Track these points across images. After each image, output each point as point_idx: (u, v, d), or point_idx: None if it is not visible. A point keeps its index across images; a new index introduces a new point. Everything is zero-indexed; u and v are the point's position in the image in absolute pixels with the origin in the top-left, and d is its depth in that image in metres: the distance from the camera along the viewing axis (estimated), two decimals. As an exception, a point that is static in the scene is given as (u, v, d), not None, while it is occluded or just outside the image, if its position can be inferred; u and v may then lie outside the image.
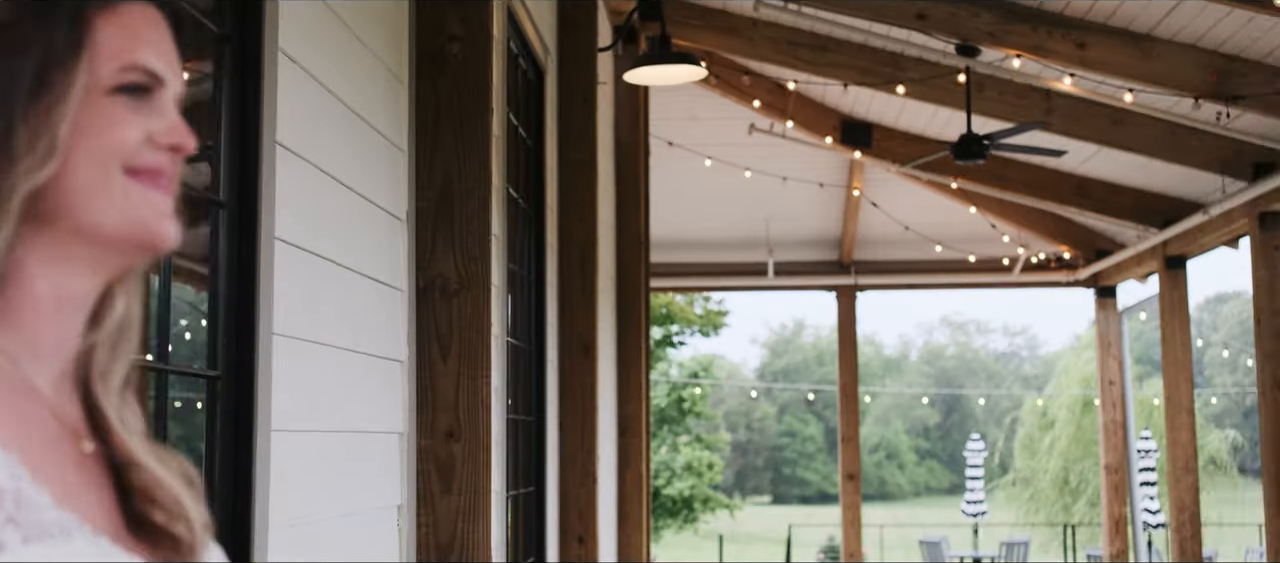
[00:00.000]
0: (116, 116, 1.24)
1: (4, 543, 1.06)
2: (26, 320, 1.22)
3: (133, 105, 1.25)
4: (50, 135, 1.20)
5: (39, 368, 1.22)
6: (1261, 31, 8.75)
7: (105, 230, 1.23)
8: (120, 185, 1.23)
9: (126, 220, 1.24)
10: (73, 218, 1.22)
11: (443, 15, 4.46)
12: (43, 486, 1.12)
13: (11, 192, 1.18)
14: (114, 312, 1.29)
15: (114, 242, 1.24)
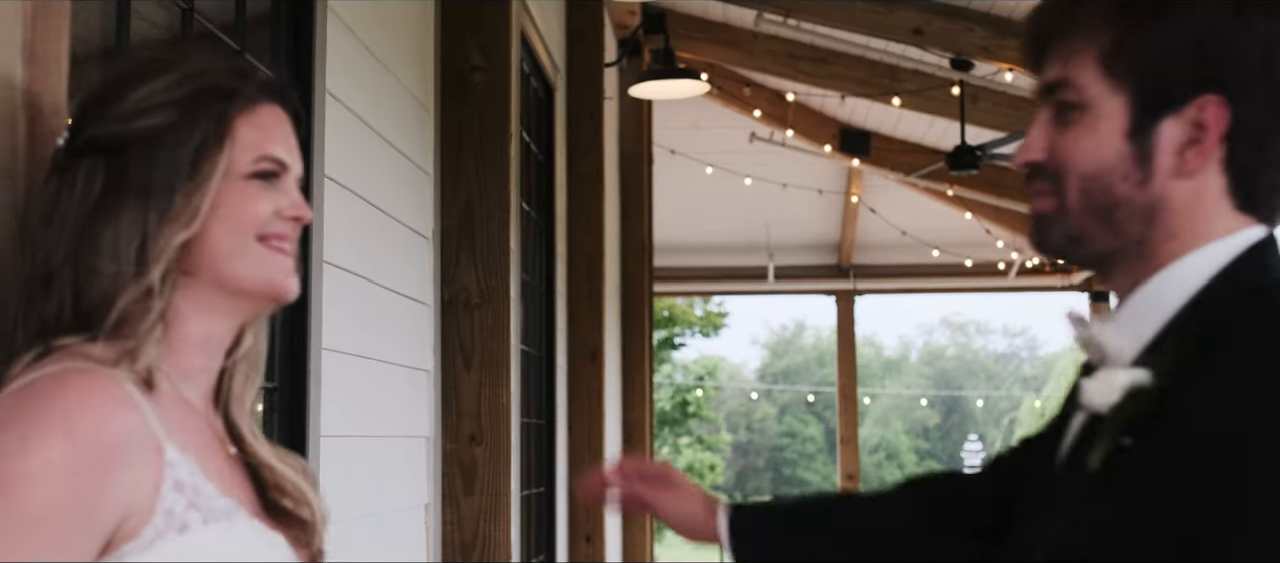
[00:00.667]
0: (250, 195, 1.57)
1: (189, 523, 1.41)
2: (183, 353, 1.56)
3: (264, 187, 1.58)
4: (197, 205, 1.53)
5: (192, 390, 1.57)
6: (1246, 47, 9.06)
7: (240, 284, 1.57)
8: (253, 250, 1.57)
9: (257, 277, 1.57)
10: (215, 273, 1.56)
11: (466, 46, 4.78)
12: (210, 480, 1.46)
13: (169, 245, 1.50)
14: (245, 347, 1.63)
15: (247, 293, 1.58)
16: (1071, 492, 1.48)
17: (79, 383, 1.40)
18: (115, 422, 1.39)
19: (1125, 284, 1.58)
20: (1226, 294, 1.49)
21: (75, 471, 1.35)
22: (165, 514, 1.42)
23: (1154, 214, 1.54)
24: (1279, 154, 1.54)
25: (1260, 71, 1.50)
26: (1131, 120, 1.54)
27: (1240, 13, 1.50)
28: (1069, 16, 1.59)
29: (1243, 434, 1.34)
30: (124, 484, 1.39)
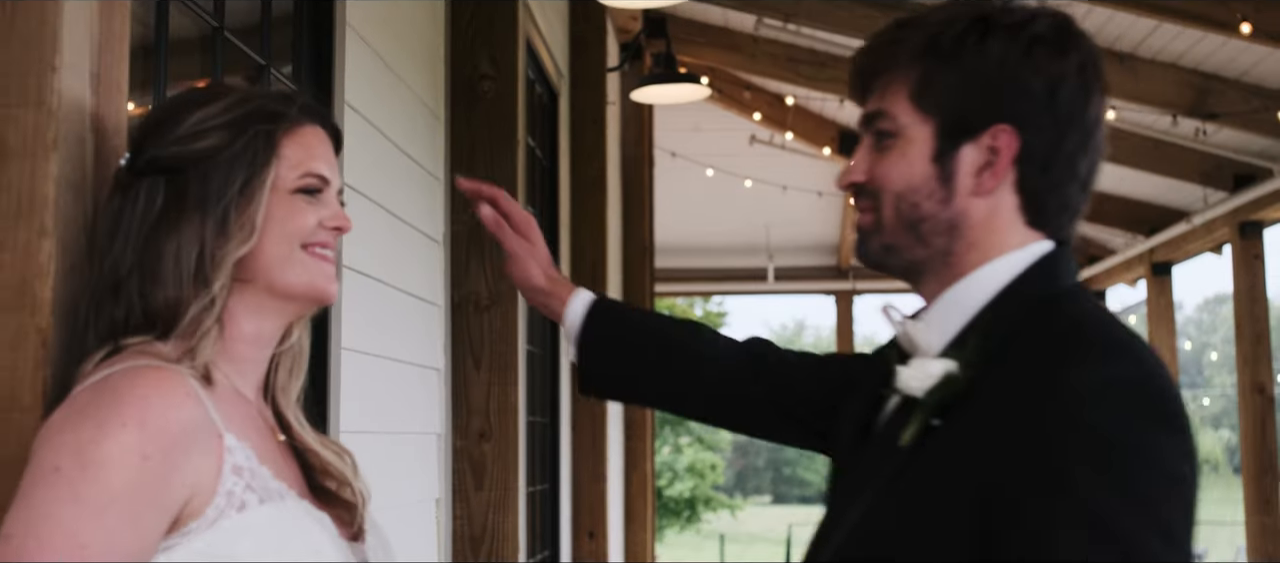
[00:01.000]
0: (296, 208, 1.74)
1: (246, 503, 1.58)
2: (236, 350, 1.73)
3: (308, 200, 1.75)
4: (251, 220, 1.70)
5: (244, 383, 1.74)
6: (1238, 52, 9.20)
7: (289, 289, 1.74)
8: (299, 257, 1.74)
9: (304, 282, 1.74)
10: (267, 280, 1.73)
11: (475, 56, 4.95)
12: (264, 464, 1.63)
13: (228, 258, 1.67)
14: (290, 344, 1.80)
15: (294, 297, 1.75)
16: (887, 463, 1.69)
17: (149, 378, 1.57)
18: (182, 412, 1.56)
19: (933, 290, 1.80)
20: (1020, 299, 1.71)
21: (147, 455, 1.52)
22: (226, 495, 1.59)
23: (956, 228, 1.76)
24: (1062, 176, 1.76)
25: (1045, 104, 1.73)
26: (936, 146, 1.76)
27: (1029, 53, 1.72)
28: (885, 56, 1.81)
29: (1032, 422, 1.55)
30: (189, 468, 1.57)
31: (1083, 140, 1.77)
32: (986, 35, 1.73)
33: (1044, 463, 1.52)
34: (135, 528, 1.52)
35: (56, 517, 1.48)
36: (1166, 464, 1.55)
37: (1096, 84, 1.79)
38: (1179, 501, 1.56)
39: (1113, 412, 1.54)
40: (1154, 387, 1.59)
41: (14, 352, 1.65)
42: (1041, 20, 1.75)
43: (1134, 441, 1.53)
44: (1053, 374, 1.57)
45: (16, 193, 1.66)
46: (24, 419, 1.64)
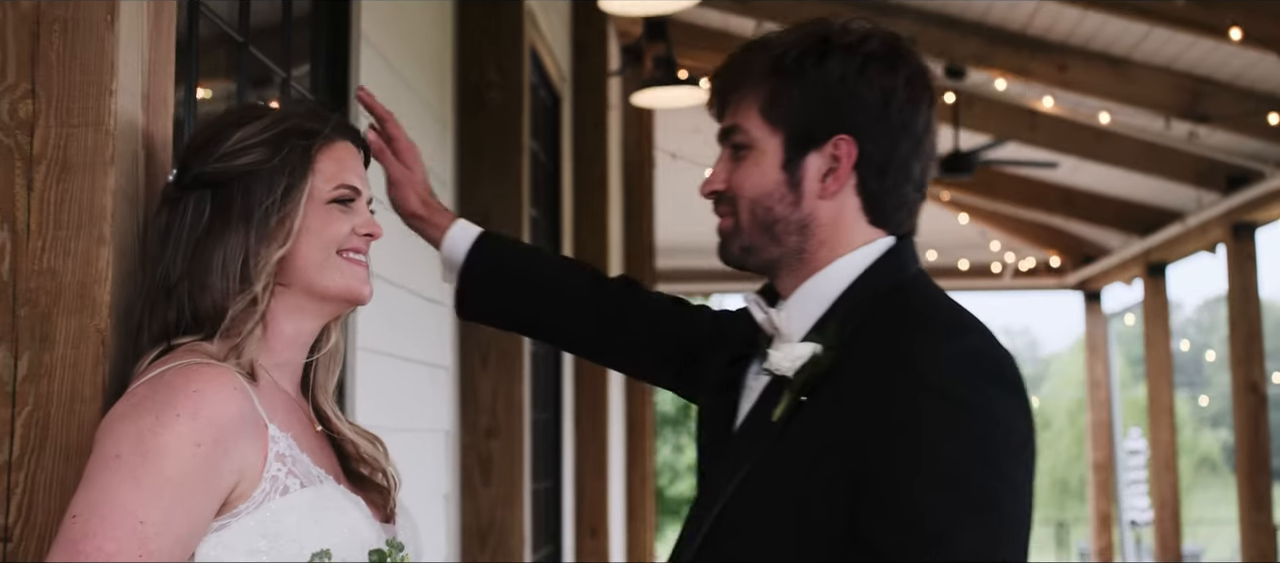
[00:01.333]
0: (332, 217, 1.90)
1: (289, 487, 1.74)
2: (277, 349, 1.89)
3: (341, 209, 1.91)
4: (289, 228, 1.85)
5: (284, 379, 1.90)
6: (1230, 55, 9.34)
7: (325, 291, 1.90)
8: (335, 262, 1.90)
9: (340, 284, 1.91)
10: (305, 283, 1.89)
11: (482, 65, 5.11)
12: (304, 452, 1.79)
13: (268, 262, 1.83)
14: (329, 343, 1.96)
15: (331, 298, 1.92)
16: (760, 440, 1.89)
17: (200, 374, 1.73)
18: (231, 405, 1.72)
19: (791, 283, 2.00)
20: (870, 289, 1.94)
21: (199, 443, 1.68)
22: (271, 480, 1.75)
23: (807, 228, 1.97)
24: (898, 178, 1.97)
25: (880, 115, 1.94)
26: (785, 156, 1.97)
27: (863, 70, 1.93)
28: (737, 75, 2.01)
29: (887, 393, 1.79)
30: (237, 455, 1.73)
31: (914, 146, 1.98)
32: (826, 55, 1.94)
33: (899, 426, 1.76)
34: (188, 509, 1.68)
35: (118, 498, 1.65)
36: (1005, 421, 1.79)
37: (925, 96, 2.00)
38: (1018, 452, 1.80)
39: (956, 379, 1.78)
40: (990, 357, 1.84)
41: (76, 350, 1.81)
42: (874, 40, 1.96)
43: (975, 400, 1.78)
44: (903, 351, 1.81)
45: (78, 205, 1.82)
46: (85, 411, 1.80)
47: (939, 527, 1.72)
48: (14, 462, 1.79)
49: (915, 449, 1.74)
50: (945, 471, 1.73)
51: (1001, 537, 1.75)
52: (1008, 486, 1.76)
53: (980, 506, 1.73)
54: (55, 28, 1.84)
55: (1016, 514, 1.77)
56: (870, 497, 1.75)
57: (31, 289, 1.82)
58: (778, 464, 1.85)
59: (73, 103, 1.83)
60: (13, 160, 1.83)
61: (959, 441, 1.74)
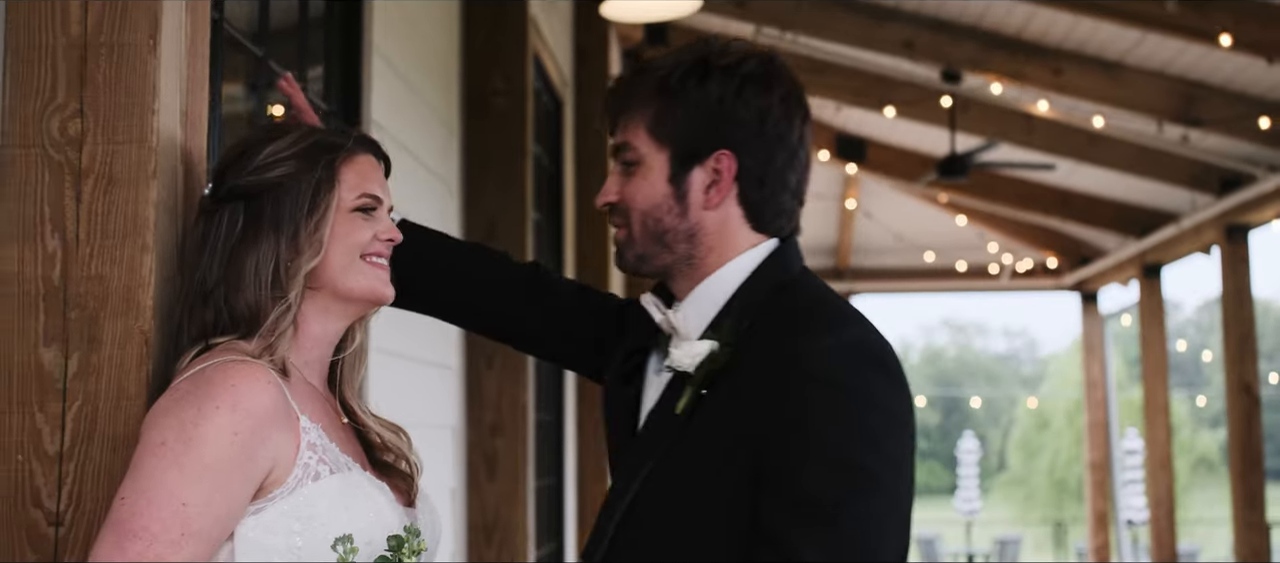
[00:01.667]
0: (356, 225, 2.05)
1: (320, 474, 1.90)
2: (306, 347, 2.04)
3: (364, 217, 2.06)
4: (319, 237, 2.00)
5: (312, 375, 2.06)
6: (1222, 60, 9.46)
7: (351, 293, 2.06)
8: (359, 266, 2.05)
9: (365, 287, 2.06)
10: (332, 286, 2.04)
11: (488, 73, 5.27)
12: (332, 442, 1.94)
13: (300, 271, 1.98)
14: (354, 342, 2.12)
15: (356, 299, 2.07)
16: (664, 435, 2.05)
17: (237, 370, 1.88)
18: (264, 398, 1.87)
19: (686, 287, 2.17)
20: (759, 288, 2.11)
21: (237, 432, 1.84)
22: (303, 467, 1.91)
23: (695, 236, 2.13)
24: (776, 188, 2.14)
25: (756, 132, 2.11)
26: (671, 170, 2.13)
27: (740, 90, 2.10)
28: (626, 96, 2.18)
29: (779, 382, 1.95)
30: (271, 444, 1.88)
31: (789, 158, 2.14)
32: (706, 76, 2.10)
33: (790, 418, 1.93)
34: (226, 492, 1.84)
35: (162, 482, 1.80)
36: (884, 404, 1.98)
37: (799, 112, 2.16)
38: (900, 436, 1.98)
39: (838, 368, 1.96)
40: (869, 346, 2.01)
41: (122, 349, 1.96)
42: (751, 61, 2.12)
43: (856, 386, 1.96)
44: (792, 343, 1.98)
45: (123, 215, 1.97)
46: (131, 406, 1.95)
47: (831, 506, 1.88)
48: (65, 453, 1.95)
49: (805, 438, 1.91)
50: (833, 455, 1.90)
51: (886, 509, 1.93)
52: (889, 463, 1.94)
53: (865, 483, 1.89)
54: (102, 52, 1.99)
55: (898, 488, 1.95)
56: (768, 487, 1.91)
57: (81, 293, 1.97)
58: (682, 458, 2.01)
59: (118, 121, 1.98)
60: (63, 174, 1.98)
61: (843, 426, 1.92)
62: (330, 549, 1.88)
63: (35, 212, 1.98)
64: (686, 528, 1.98)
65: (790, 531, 1.89)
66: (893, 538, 1.94)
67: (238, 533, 1.88)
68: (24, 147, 1.99)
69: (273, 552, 1.87)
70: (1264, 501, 11.52)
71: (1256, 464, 11.45)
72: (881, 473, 1.92)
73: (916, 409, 2.05)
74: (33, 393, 1.96)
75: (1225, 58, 9.33)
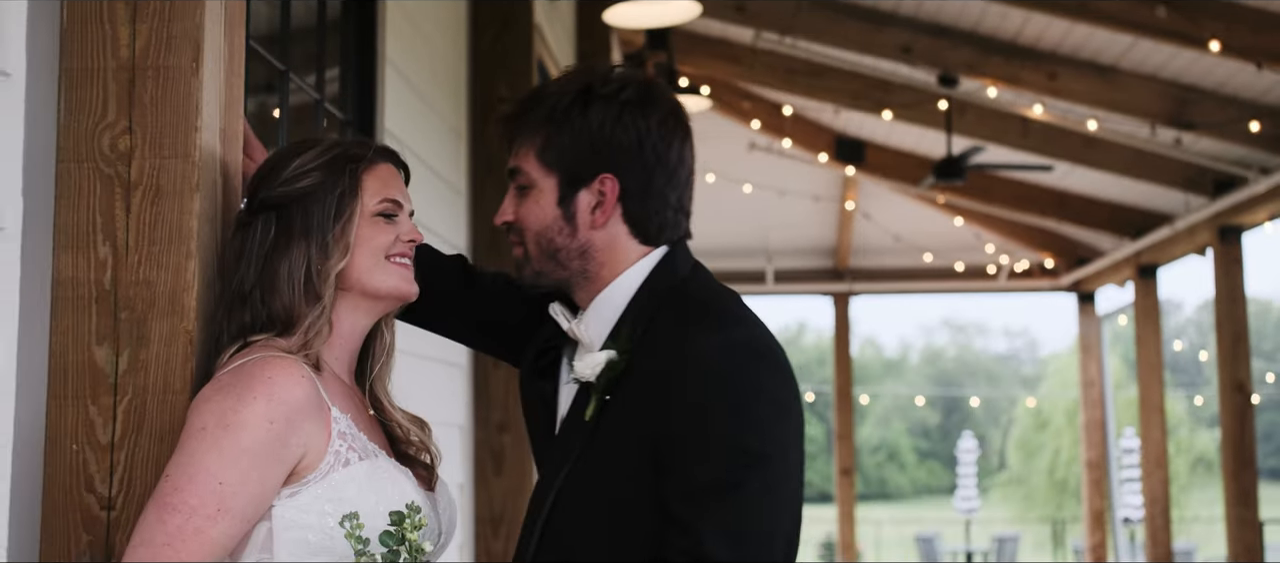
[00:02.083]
0: (379, 229, 2.23)
1: (350, 460, 2.08)
2: (335, 343, 2.22)
3: (386, 221, 2.24)
4: (346, 241, 2.18)
5: (342, 369, 2.24)
6: (1214, 64, 9.63)
7: (378, 291, 2.24)
8: (384, 266, 2.22)
9: (390, 285, 2.24)
10: (360, 286, 2.22)
11: (494, 81, 5.44)
12: (360, 431, 2.12)
13: (331, 272, 2.16)
14: (382, 337, 2.30)
15: (383, 297, 2.25)
16: (577, 436, 2.22)
17: (274, 365, 2.06)
18: (298, 391, 2.05)
19: (585, 298, 2.33)
20: (652, 294, 2.27)
21: (272, 421, 2.02)
22: (334, 454, 2.09)
23: (586, 253, 2.29)
24: (657, 205, 2.29)
25: (636, 154, 2.26)
26: (560, 194, 2.29)
27: (620, 116, 2.25)
28: (517, 124, 2.34)
29: (675, 380, 2.12)
30: (303, 432, 2.06)
31: (669, 176, 2.30)
32: (589, 104, 2.26)
33: (685, 408, 2.10)
34: (260, 474, 2.02)
35: (203, 463, 1.99)
36: (770, 393, 2.15)
37: (676, 131, 2.32)
38: (786, 422, 2.16)
39: (726, 363, 2.12)
40: (754, 341, 2.19)
41: (168, 347, 2.14)
42: (629, 88, 2.28)
43: (744, 378, 2.13)
44: (683, 344, 2.15)
45: (169, 225, 2.15)
46: (176, 400, 2.13)
47: (727, 490, 2.06)
48: (116, 443, 2.13)
49: (700, 430, 2.09)
50: (726, 443, 2.08)
51: (777, 489, 2.11)
52: (778, 447, 2.13)
53: (757, 467, 2.09)
54: (149, 75, 2.16)
55: (787, 469, 2.13)
56: (670, 476, 2.09)
57: (130, 297, 2.15)
58: (594, 459, 2.18)
59: (164, 138, 2.16)
60: (113, 187, 2.16)
61: (733, 416, 2.10)
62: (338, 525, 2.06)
63: (88, 221, 2.16)
64: (606, 523, 2.15)
65: (692, 515, 2.06)
66: (785, 514, 2.13)
67: (275, 514, 2.06)
68: (77, 161, 2.17)
69: (308, 530, 2.06)
70: (1257, 498, 11.65)
71: (1249, 463, 11.59)
72: (772, 456, 2.10)
73: (804, 401, 2.24)
74: (86, 387, 2.14)
75: (1217, 62, 9.49)
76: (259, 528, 2.06)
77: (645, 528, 2.10)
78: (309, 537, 2.05)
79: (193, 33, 2.16)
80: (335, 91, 3.97)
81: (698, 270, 2.35)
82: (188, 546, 1.96)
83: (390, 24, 4.17)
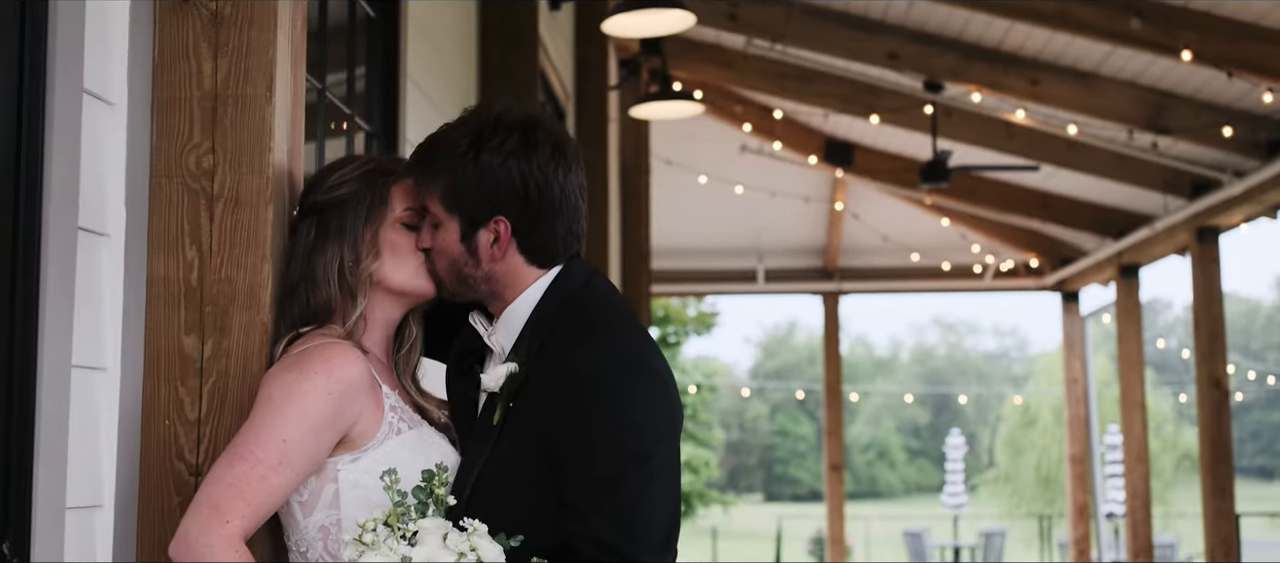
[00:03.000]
0: (403, 234, 2.60)
1: (401, 429, 2.45)
2: (373, 334, 2.59)
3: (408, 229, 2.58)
4: (376, 244, 2.54)
5: (381, 354, 2.61)
6: (1190, 71, 9.98)
7: (404, 288, 2.60)
8: (407, 267, 2.57)
9: (415, 283, 2.60)
10: (388, 284, 2.58)
11: (503, 91, 5.79)
12: (406, 405, 2.47)
13: (365, 271, 2.51)
14: (409, 329, 2.66)
15: (407, 294, 2.63)
16: (488, 437, 2.52)
17: (333, 347, 2.43)
18: (352, 369, 2.42)
19: (496, 311, 2.65)
20: (548, 308, 2.59)
21: (330, 393, 2.39)
22: (388, 425, 2.46)
23: (491, 279, 2.61)
24: (546, 236, 2.59)
25: (521, 195, 2.55)
26: (462, 232, 2.59)
27: (505, 162, 2.54)
28: (423, 168, 2.62)
29: (565, 388, 2.44)
30: (355, 405, 2.43)
31: (554, 211, 2.60)
32: (479, 153, 2.55)
33: (575, 413, 2.43)
34: (317, 437, 2.39)
35: (269, 423, 2.35)
36: (647, 396, 2.47)
37: (559, 168, 2.60)
38: (660, 422, 2.48)
39: (609, 372, 2.45)
40: (632, 351, 2.51)
41: (247, 336, 2.49)
42: (513, 136, 2.57)
43: (622, 384, 2.45)
44: (572, 356, 2.48)
45: (246, 231, 2.50)
46: (253, 382, 2.48)
47: (611, 482, 2.40)
48: (202, 418, 2.48)
49: (587, 433, 2.42)
50: (609, 443, 2.42)
51: (655, 476, 2.44)
52: (656, 443, 2.46)
53: (636, 461, 2.42)
54: (229, 102, 2.52)
55: (664, 462, 2.47)
56: (564, 470, 2.42)
57: (213, 293, 2.51)
58: (501, 455, 2.50)
59: (242, 157, 2.52)
60: (198, 199, 2.52)
61: (615, 420, 2.43)
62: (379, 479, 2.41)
63: (177, 228, 2.52)
64: (514, 507, 2.46)
65: (584, 504, 2.39)
66: (664, 499, 2.46)
67: (341, 476, 2.43)
68: (168, 177, 2.53)
69: (368, 489, 2.43)
70: (1233, 491, 11.96)
71: (1225, 457, 11.89)
72: (651, 451, 2.44)
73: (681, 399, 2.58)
74: (176, 371, 2.51)
75: (1193, 69, 9.80)
76: (326, 489, 2.43)
77: (547, 510, 2.42)
78: (370, 496, 2.41)
79: (267, 67, 2.52)
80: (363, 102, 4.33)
81: (592, 280, 2.66)
82: (253, 489, 2.31)
83: (411, 44, 4.52)
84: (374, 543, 2.25)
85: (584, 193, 2.67)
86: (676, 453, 2.52)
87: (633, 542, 2.38)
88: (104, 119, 2.45)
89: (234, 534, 2.29)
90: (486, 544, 2.28)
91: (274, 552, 2.50)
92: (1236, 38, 9.09)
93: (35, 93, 2.25)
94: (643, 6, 6.92)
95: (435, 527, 2.28)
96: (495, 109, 2.62)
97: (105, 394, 2.47)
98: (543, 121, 2.63)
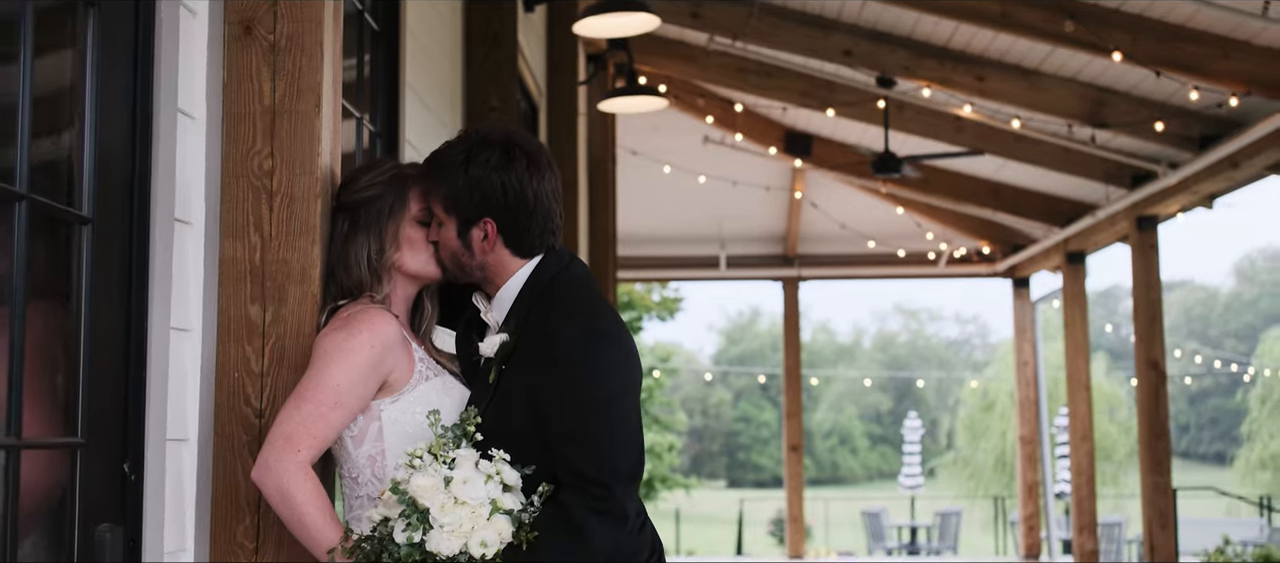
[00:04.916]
0: (417, 228, 3.17)
1: (430, 377, 3.06)
2: (395, 306, 3.17)
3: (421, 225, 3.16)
4: (397, 237, 3.12)
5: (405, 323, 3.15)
6: (1127, 69, 10.51)
7: (418, 273, 3.19)
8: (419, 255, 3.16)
9: (426, 270, 3.19)
10: (406, 270, 3.17)
11: (486, 91, 6.37)
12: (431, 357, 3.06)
13: (390, 261, 3.09)
14: (424, 306, 3.25)
15: (421, 277, 3.21)
16: (486, 391, 3.06)
17: (373, 311, 3.02)
18: (390, 329, 3.01)
19: (490, 292, 3.18)
20: (530, 292, 3.12)
21: (373, 346, 2.97)
22: (418, 374, 3.05)
23: (484, 269, 3.14)
24: (525, 233, 3.11)
25: (503, 202, 3.09)
26: (458, 231, 3.12)
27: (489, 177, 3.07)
28: (428, 180, 3.16)
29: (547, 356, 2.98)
30: (391, 358, 3.01)
31: (530, 211, 3.10)
32: (469, 166, 3.07)
33: (553, 373, 2.96)
34: (362, 383, 2.96)
35: (326, 371, 2.93)
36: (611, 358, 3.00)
37: (534, 175, 3.11)
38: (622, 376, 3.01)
39: (577, 343, 2.98)
40: (599, 326, 3.03)
41: (300, 306, 3.07)
42: (495, 152, 3.09)
43: (589, 351, 2.98)
44: (549, 329, 3.01)
45: (299, 221, 3.08)
46: (305, 342, 3.06)
47: (584, 427, 2.93)
48: (264, 372, 3.07)
49: (558, 392, 2.95)
50: (579, 398, 2.95)
51: (621, 419, 2.97)
52: (616, 395, 2.99)
53: (603, 408, 2.96)
54: (284, 115, 3.10)
55: (625, 407, 3.00)
56: (546, 420, 2.95)
57: (273, 271, 3.10)
58: (497, 406, 3.02)
59: (296, 160, 3.10)
60: (260, 195, 3.09)
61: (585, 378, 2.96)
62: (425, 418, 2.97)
63: (243, 218, 3.11)
64: (509, 444, 2.92)
65: (563, 447, 2.92)
66: (631, 438, 2.98)
67: (383, 415, 3.01)
68: (236, 177, 3.11)
69: (406, 425, 3.02)
70: (1170, 467, 12.52)
71: (1162, 433, 12.45)
72: (612, 402, 2.97)
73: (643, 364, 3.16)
74: (244, 334, 3.10)
75: (1129, 67, 10.33)
76: (372, 426, 3.00)
77: (534, 448, 2.93)
78: (407, 430, 3.00)
79: (315, 87, 3.10)
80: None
81: (570, 267, 3.16)
82: (317, 425, 2.89)
83: (409, 54, 5.08)
84: (422, 467, 2.80)
85: (558, 196, 3.17)
86: (637, 406, 3.04)
87: (604, 471, 2.91)
88: (190, 131, 3.02)
89: (304, 461, 2.86)
90: (508, 470, 2.84)
91: (325, 478, 3.08)
92: (1166, 39, 9.61)
93: (145, 113, 2.84)
94: (611, 10, 7.42)
95: (469, 455, 2.84)
96: (482, 130, 3.16)
97: (190, 351, 3.05)
98: (520, 140, 3.14)
